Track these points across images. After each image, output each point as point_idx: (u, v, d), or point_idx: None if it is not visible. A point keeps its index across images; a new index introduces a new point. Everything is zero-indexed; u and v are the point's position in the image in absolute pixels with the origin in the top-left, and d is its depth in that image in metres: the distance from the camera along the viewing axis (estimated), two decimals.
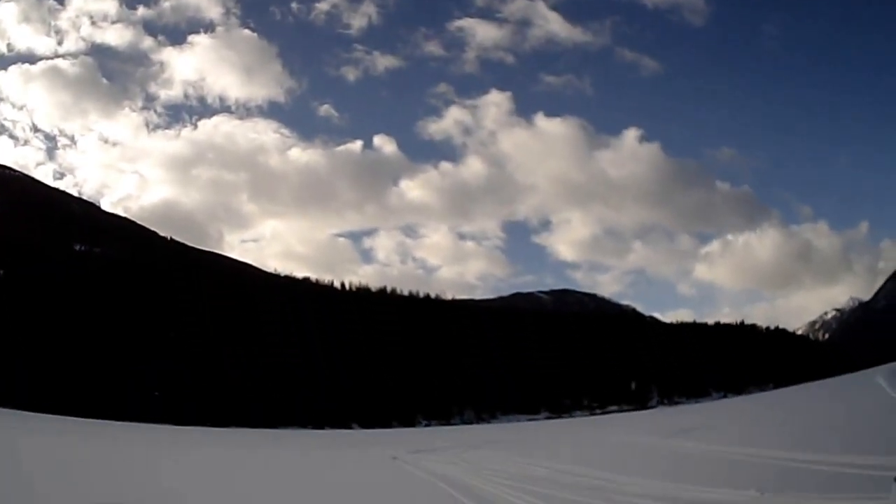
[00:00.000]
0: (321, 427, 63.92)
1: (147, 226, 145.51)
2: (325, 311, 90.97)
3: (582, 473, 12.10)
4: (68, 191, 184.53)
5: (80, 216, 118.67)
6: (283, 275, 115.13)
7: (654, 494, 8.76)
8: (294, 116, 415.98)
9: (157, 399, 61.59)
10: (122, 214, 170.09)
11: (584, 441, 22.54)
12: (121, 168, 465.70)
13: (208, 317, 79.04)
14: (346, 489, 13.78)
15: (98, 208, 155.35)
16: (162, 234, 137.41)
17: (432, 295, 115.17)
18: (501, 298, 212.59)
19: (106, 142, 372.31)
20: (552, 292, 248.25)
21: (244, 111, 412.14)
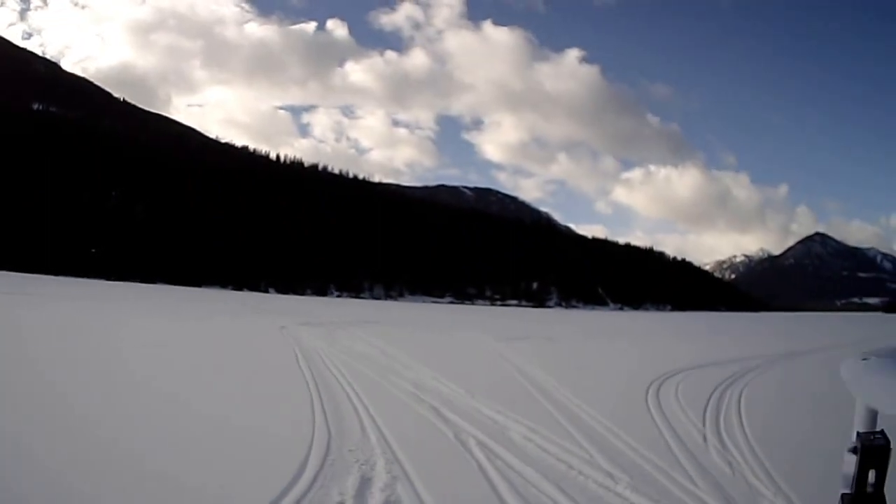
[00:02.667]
0: (240, 288, 68.14)
1: (103, 86, 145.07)
2: (259, 180, 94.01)
3: (393, 355, 16.59)
4: (34, 51, 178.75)
5: (43, 76, 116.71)
6: (223, 141, 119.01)
7: (413, 378, 13.14)
8: None
9: (94, 255, 63.61)
10: (81, 74, 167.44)
11: (432, 333, 27.02)
12: (85, 30, 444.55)
13: (152, 178, 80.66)
14: (224, 343, 18.06)
15: (60, 68, 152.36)
16: (116, 94, 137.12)
17: (361, 176, 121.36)
18: (427, 188, 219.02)
19: (76, 4, 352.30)
20: (476, 189, 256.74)
21: None
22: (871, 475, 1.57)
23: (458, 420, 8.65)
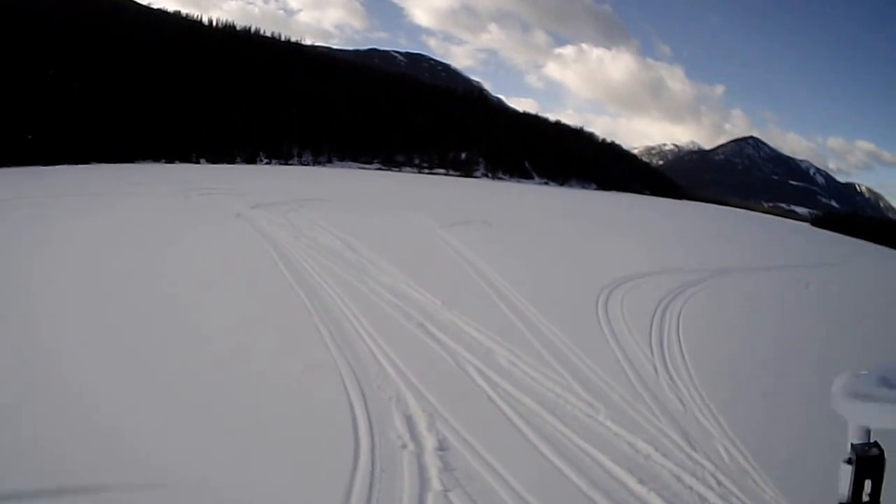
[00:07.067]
0: (172, 161, 66.26)
1: None
2: (192, 47, 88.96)
3: (357, 248, 17.57)
4: None
5: None
6: (155, 8, 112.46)
7: (389, 284, 14.27)
8: None
9: (29, 142, 58.88)
10: None
11: (378, 215, 27.76)
12: None
13: (87, 53, 74.32)
14: (187, 235, 18.52)
15: None
16: None
17: (293, 38, 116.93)
18: (358, 52, 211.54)
19: None
20: (407, 55, 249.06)
21: None
22: (867, 485, 1.60)
23: (448, 341, 9.96)
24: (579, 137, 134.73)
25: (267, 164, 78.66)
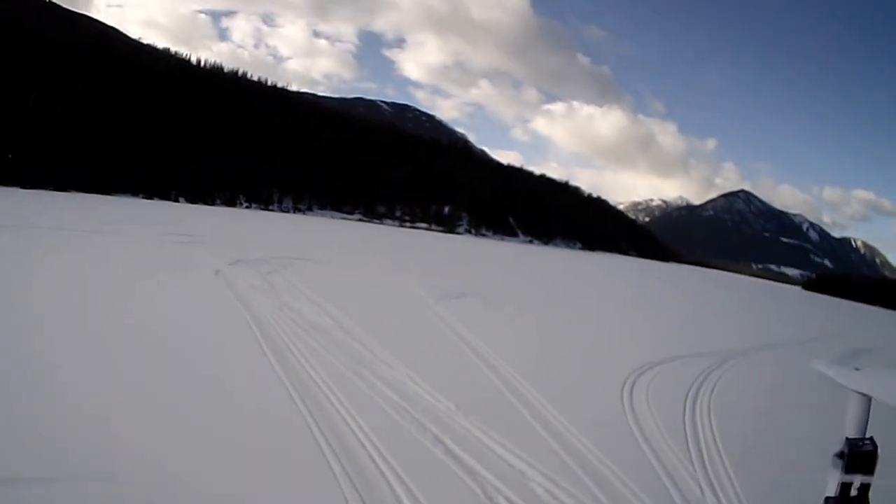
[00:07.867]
0: (151, 197, 65.41)
1: None
2: (179, 84, 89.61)
3: (347, 328, 16.02)
4: None
5: None
6: (145, 43, 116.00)
7: (388, 378, 12.70)
8: None
9: (8, 161, 58.09)
10: None
11: (368, 286, 26.40)
12: None
13: (73, 79, 74.03)
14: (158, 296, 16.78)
15: None
16: None
17: (280, 84, 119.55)
18: (344, 100, 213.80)
19: None
20: (393, 105, 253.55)
21: None
22: (857, 480, 1.64)
23: (473, 463, 8.38)
24: (565, 192, 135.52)
25: (247, 207, 78.05)
